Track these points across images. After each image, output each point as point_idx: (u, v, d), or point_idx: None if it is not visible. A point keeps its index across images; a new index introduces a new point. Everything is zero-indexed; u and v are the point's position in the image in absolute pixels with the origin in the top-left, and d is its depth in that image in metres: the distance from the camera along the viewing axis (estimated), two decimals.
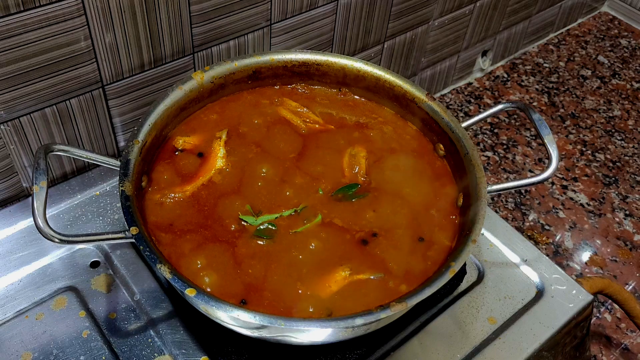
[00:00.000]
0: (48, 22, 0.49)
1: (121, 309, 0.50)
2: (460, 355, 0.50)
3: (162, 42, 0.57)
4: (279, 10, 0.64)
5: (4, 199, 0.58)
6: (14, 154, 0.56)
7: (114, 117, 0.60)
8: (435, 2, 0.81)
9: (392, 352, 0.50)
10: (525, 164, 0.88)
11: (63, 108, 0.55)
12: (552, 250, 0.77)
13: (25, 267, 0.53)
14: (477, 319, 0.53)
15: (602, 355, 0.68)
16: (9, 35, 0.48)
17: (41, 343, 0.48)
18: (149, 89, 0.60)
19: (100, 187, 0.59)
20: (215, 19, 0.60)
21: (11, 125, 0.53)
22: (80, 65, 0.54)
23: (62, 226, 0.55)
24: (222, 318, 0.43)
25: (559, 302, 0.55)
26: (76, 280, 0.52)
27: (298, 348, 0.48)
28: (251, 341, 0.47)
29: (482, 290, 0.55)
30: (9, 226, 0.55)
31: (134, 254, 0.54)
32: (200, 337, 0.49)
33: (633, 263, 0.77)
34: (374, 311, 0.40)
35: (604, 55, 1.10)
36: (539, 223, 0.80)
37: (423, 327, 0.52)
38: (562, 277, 0.57)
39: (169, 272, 0.40)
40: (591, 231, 0.80)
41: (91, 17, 0.51)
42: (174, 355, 0.47)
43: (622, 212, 0.83)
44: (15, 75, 0.50)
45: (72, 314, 0.50)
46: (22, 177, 0.58)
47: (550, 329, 0.53)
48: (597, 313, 0.71)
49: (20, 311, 0.50)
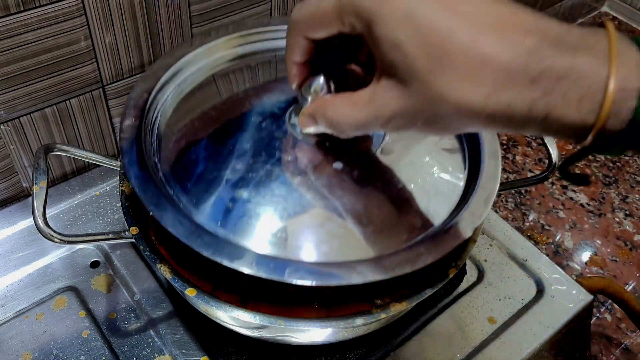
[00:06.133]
0: (48, 22, 0.49)
1: (121, 309, 0.50)
2: (460, 355, 0.50)
3: (162, 42, 0.57)
4: (279, 10, 0.64)
5: (4, 199, 0.58)
6: (14, 154, 0.56)
7: (114, 117, 0.60)
8: None
9: (392, 352, 0.50)
10: (525, 164, 0.88)
11: (63, 108, 0.55)
12: (552, 250, 0.77)
13: (25, 267, 0.53)
14: (477, 319, 0.53)
15: (602, 355, 0.68)
16: (9, 35, 0.48)
17: (41, 343, 0.48)
18: None
19: (100, 187, 0.59)
20: (216, 19, 0.60)
21: (11, 125, 0.53)
22: (80, 65, 0.54)
23: (62, 226, 0.55)
24: (222, 318, 0.43)
25: (559, 302, 0.55)
26: (76, 280, 0.52)
27: (298, 348, 0.48)
28: (251, 341, 0.47)
29: (482, 290, 0.55)
30: (9, 226, 0.55)
31: (134, 254, 0.54)
32: (200, 337, 0.49)
33: (633, 263, 0.77)
34: (374, 311, 0.40)
35: None
36: (539, 223, 0.80)
37: (423, 327, 0.52)
38: (562, 277, 0.57)
39: (169, 272, 0.40)
40: (591, 231, 0.80)
41: (91, 17, 0.51)
42: (174, 355, 0.47)
43: (622, 212, 0.83)
44: (15, 75, 0.50)
45: (72, 314, 0.50)
46: (22, 177, 0.58)
47: (550, 329, 0.53)
48: (597, 313, 0.71)
49: (20, 311, 0.50)
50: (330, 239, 0.39)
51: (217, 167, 0.42)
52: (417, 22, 0.30)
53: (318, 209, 0.40)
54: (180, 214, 0.38)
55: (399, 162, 0.44)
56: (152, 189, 0.39)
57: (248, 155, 0.42)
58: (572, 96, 0.29)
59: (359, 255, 0.38)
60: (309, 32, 0.36)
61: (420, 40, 0.30)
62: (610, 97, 0.28)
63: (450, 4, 0.31)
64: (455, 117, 0.31)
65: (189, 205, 0.40)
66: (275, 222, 0.39)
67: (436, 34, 0.30)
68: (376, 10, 0.31)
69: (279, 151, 0.43)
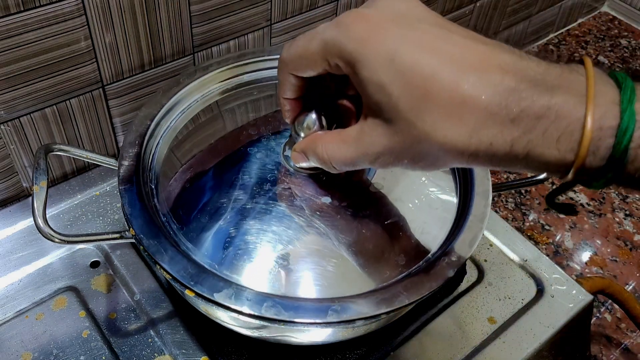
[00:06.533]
0: (48, 22, 0.49)
1: (121, 309, 0.50)
2: (460, 356, 0.50)
3: (162, 42, 0.57)
4: (279, 10, 0.64)
5: (4, 199, 0.58)
6: (14, 154, 0.56)
7: (114, 117, 0.60)
8: (435, 2, 0.81)
9: (392, 352, 0.50)
10: None
11: (63, 108, 0.55)
12: (552, 250, 0.77)
13: (25, 267, 0.53)
14: (477, 319, 0.53)
15: (602, 355, 0.68)
16: (9, 35, 0.48)
17: (41, 343, 0.48)
18: (149, 89, 0.60)
19: (100, 187, 0.59)
20: (216, 19, 0.60)
21: (11, 125, 0.53)
22: (80, 65, 0.54)
23: (62, 226, 0.55)
24: (222, 318, 0.43)
25: (559, 302, 0.55)
26: (76, 280, 0.52)
27: (298, 348, 0.48)
28: (251, 341, 0.47)
29: (482, 290, 0.55)
30: (9, 226, 0.55)
31: (134, 254, 0.54)
32: (200, 337, 0.49)
33: (633, 263, 0.77)
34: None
35: (604, 55, 1.10)
36: (539, 223, 0.80)
37: (423, 327, 0.52)
38: (562, 277, 0.57)
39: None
40: (591, 231, 0.80)
41: (91, 17, 0.51)
42: (174, 355, 0.47)
43: (622, 212, 0.83)
44: (15, 75, 0.50)
45: (72, 314, 0.50)
46: (22, 177, 0.58)
47: (550, 329, 0.53)
48: (597, 313, 0.71)
49: (20, 311, 0.50)
50: (324, 273, 0.41)
51: (214, 204, 0.43)
52: (400, 64, 0.31)
53: (311, 243, 0.42)
54: (179, 253, 0.40)
55: (390, 193, 0.45)
56: (154, 232, 0.41)
57: (245, 190, 0.44)
58: (551, 135, 0.30)
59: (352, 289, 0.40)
60: (297, 71, 0.37)
61: (404, 81, 0.31)
62: (587, 136, 0.29)
63: (432, 46, 0.31)
64: (440, 154, 0.32)
65: (188, 242, 0.42)
66: (269, 258, 0.41)
67: (419, 75, 0.31)
68: (360, 53, 0.32)
69: (274, 184, 0.44)
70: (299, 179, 0.44)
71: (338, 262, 0.41)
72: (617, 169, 0.29)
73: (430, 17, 0.33)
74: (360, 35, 0.32)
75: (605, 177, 0.30)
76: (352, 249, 0.42)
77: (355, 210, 0.43)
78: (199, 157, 0.47)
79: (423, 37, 0.32)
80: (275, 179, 0.44)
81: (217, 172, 0.46)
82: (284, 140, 0.46)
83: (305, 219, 0.42)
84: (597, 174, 0.30)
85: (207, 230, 0.42)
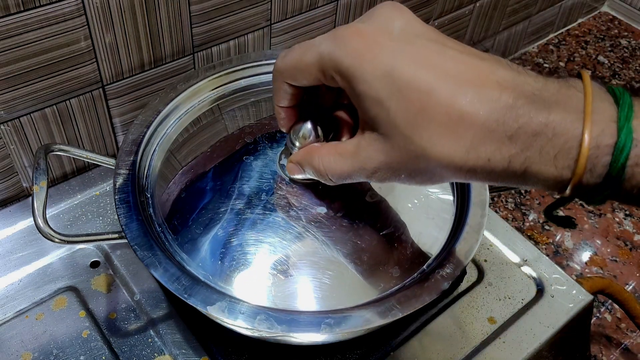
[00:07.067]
0: (48, 22, 0.49)
1: (121, 309, 0.50)
2: (460, 356, 0.50)
3: (162, 42, 0.57)
4: (279, 10, 0.64)
5: (4, 199, 0.58)
6: (14, 154, 0.56)
7: (114, 117, 0.60)
8: (435, 2, 0.81)
9: (392, 352, 0.50)
10: None
11: (63, 108, 0.55)
12: (552, 250, 0.77)
13: (25, 267, 0.53)
14: (477, 319, 0.53)
15: (602, 355, 0.68)
16: (9, 35, 0.48)
17: (41, 343, 0.48)
18: (149, 89, 0.60)
19: (100, 187, 0.59)
20: (216, 19, 0.60)
21: (11, 125, 0.53)
22: (80, 65, 0.54)
23: (62, 226, 0.55)
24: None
25: (559, 302, 0.55)
26: (76, 280, 0.52)
27: (298, 348, 0.48)
28: (251, 341, 0.47)
29: (482, 290, 0.55)
30: (9, 226, 0.55)
31: (134, 254, 0.54)
32: (200, 337, 0.49)
33: (633, 263, 0.77)
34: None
35: (604, 55, 1.10)
36: (539, 223, 0.80)
37: (423, 327, 0.52)
38: (562, 277, 0.57)
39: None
40: (591, 231, 0.80)
41: (91, 17, 0.51)
42: (174, 355, 0.48)
43: (622, 212, 0.83)
44: (15, 75, 0.50)
45: (72, 314, 0.50)
46: (22, 177, 0.58)
47: (550, 329, 0.53)
48: (597, 313, 0.71)
49: (20, 311, 0.50)
50: (320, 284, 0.40)
51: (209, 213, 0.43)
52: (398, 80, 0.31)
53: (307, 254, 0.42)
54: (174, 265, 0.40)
55: (386, 202, 0.45)
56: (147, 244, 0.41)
57: (241, 199, 0.44)
58: (548, 152, 0.29)
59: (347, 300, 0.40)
60: (292, 81, 0.37)
61: (401, 97, 0.31)
62: (584, 154, 0.29)
63: (429, 61, 0.31)
64: (437, 170, 0.32)
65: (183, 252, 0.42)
66: (264, 269, 0.41)
67: (416, 91, 0.31)
68: (356, 68, 0.32)
69: (270, 193, 0.44)
70: (295, 189, 0.44)
71: (333, 274, 0.41)
72: (615, 186, 0.29)
73: (427, 32, 0.33)
74: (357, 50, 0.32)
75: (602, 194, 0.30)
76: (347, 260, 0.42)
77: (351, 220, 0.43)
78: (194, 166, 0.47)
79: (420, 52, 0.32)
80: (271, 188, 0.44)
81: (212, 181, 0.46)
82: (280, 148, 0.46)
83: (301, 229, 0.42)
84: (594, 191, 0.30)
85: (202, 241, 0.42)
